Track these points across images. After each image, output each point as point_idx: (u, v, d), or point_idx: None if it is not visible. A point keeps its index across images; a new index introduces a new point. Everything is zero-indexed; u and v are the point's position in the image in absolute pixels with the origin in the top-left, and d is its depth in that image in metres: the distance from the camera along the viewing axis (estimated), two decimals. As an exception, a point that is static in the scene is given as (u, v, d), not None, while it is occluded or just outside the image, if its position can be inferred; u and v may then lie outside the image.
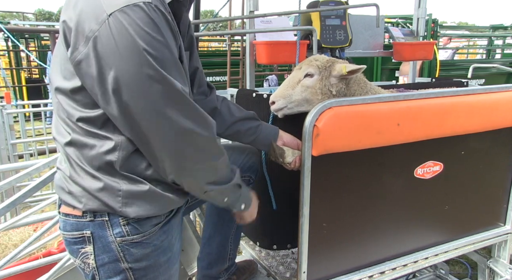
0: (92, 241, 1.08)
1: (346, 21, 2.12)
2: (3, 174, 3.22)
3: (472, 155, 1.61)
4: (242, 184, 1.24)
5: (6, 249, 2.50)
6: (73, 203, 1.07)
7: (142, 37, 0.92)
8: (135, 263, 1.10)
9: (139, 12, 0.93)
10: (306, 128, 1.23)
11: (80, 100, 1.02)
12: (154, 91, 0.95)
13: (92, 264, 1.09)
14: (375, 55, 2.48)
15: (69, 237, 1.11)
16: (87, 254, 1.09)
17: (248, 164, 1.52)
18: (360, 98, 1.36)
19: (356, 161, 1.36)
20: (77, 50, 0.96)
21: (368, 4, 2.18)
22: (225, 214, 1.58)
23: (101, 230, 1.07)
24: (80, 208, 1.06)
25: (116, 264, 1.09)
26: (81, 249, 1.09)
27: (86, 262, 1.10)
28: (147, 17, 0.94)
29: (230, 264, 1.66)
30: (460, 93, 1.52)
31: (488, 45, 9.77)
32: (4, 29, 4.37)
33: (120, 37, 0.92)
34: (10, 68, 8.74)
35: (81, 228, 1.08)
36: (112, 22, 0.92)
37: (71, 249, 1.12)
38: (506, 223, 1.82)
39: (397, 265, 1.57)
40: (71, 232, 1.09)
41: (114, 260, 1.08)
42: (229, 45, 6.31)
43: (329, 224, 1.39)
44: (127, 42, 0.92)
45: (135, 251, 1.09)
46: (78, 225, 1.08)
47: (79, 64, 0.96)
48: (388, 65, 6.39)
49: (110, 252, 1.08)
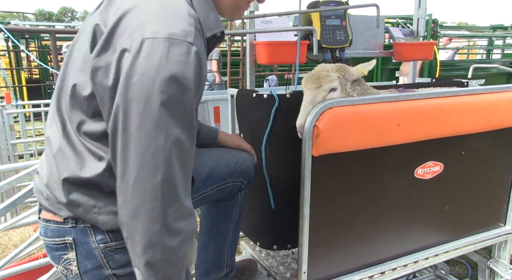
0: (74, 248, 1.04)
1: (346, 21, 2.12)
2: (3, 174, 3.22)
3: (472, 156, 1.61)
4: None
5: (6, 249, 2.50)
6: (53, 209, 1.04)
7: (168, 77, 0.84)
8: (119, 269, 1.07)
9: (177, 50, 0.85)
10: (306, 128, 1.23)
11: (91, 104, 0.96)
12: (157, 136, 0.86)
13: (75, 270, 1.06)
14: (375, 55, 2.48)
15: (50, 243, 1.07)
16: (69, 260, 1.06)
17: (240, 169, 1.50)
18: (360, 98, 1.36)
19: (356, 161, 1.36)
20: (100, 56, 0.91)
21: (368, 4, 2.18)
22: (219, 222, 1.57)
23: (83, 236, 1.04)
24: (61, 214, 1.03)
25: (100, 270, 1.06)
26: (64, 256, 1.06)
27: (69, 269, 1.07)
28: (184, 58, 0.85)
29: (228, 271, 1.64)
30: (460, 93, 1.52)
31: (488, 45, 9.77)
32: (4, 29, 4.37)
33: (146, 65, 0.84)
34: (10, 68, 8.74)
35: (62, 234, 1.04)
36: (146, 46, 0.84)
37: (53, 255, 1.08)
38: (506, 223, 1.82)
39: (398, 265, 1.57)
40: (53, 238, 1.06)
41: (98, 267, 1.06)
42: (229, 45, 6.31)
43: (329, 224, 1.39)
44: (151, 73, 0.83)
45: (119, 257, 1.06)
46: (60, 231, 1.04)
47: (97, 70, 0.91)
48: (388, 65, 6.40)
49: (93, 259, 1.05)
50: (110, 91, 0.89)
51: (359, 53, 2.43)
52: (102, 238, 1.04)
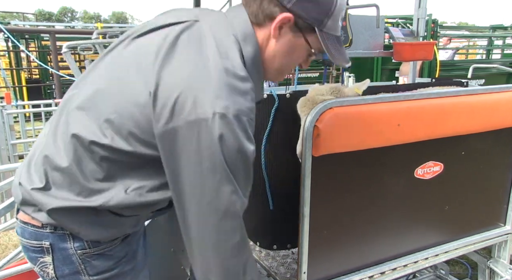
0: (51, 252, 1.02)
1: (346, 21, 2.12)
2: (3, 174, 3.22)
3: (472, 156, 1.61)
4: None
5: (6, 249, 2.50)
6: (31, 213, 1.00)
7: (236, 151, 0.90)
8: (97, 276, 1.05)
9: (242, 126, 0.91)
10: (306, 128, 1.23)
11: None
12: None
13: (52, 274, 1.04)
14: (375, 55, 2.48)
15: (27, 245, 1.04)
16: (46, 263, 1.04)
17: None
18: (360, 98, 1.36)
19: (356, 161, 1.36)
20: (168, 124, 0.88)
21: (368, 4, 2.18)
22: None
23: (61, 242, 1.01)
24: (38, 219, 1.00)
25: (77, 276, 1.04)
26: (40, 258, 1.04)
27: (45, 271, 1.05)
28: (248, 133, 0.93)
29: None
30: (460, 93, 1.52)
31: (488, 45, 9.78)
32: (4, 30, 4.37)
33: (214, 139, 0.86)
34: (10, 68, 8.75)
35: (40, 238, 1.01)
36: (216, 121, 0.86)
37: (29, 256, 1.06)
38: (506, 224, 1.82)
39: (398, 266, 1.57)
40: (29, 240, 1.03)
41: (75, 272, 1.04)
42: (229, 45, 6.28)
43: (329, 224, 1.39)
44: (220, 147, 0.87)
45: (97, 264, 1.04)
46: (37, 235, 1.02)
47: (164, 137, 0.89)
48: (388, 65, 6.40)
49: (70, 264, 1.03)
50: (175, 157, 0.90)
51: (359, 53, 2.43)
52: (80, 245, 1.02)
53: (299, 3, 0.96)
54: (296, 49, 1.04)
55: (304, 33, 1.00)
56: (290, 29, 0.99)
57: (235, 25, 0.99)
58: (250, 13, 1.00)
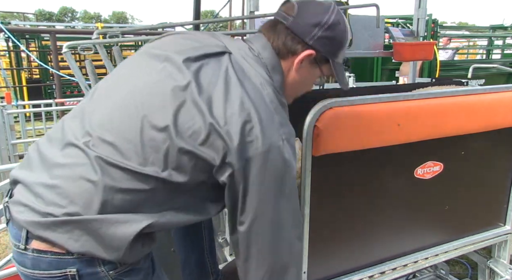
0: (77, 279, 0.93)
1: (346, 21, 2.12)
2: (3, 174, 3.22)
3: (472, 155, 1.61)
4: None
5: (6, 249, 2.50)
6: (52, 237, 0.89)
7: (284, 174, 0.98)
8: None
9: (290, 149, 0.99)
10: (306, 128, 1.23)
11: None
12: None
13: None
14: (375, 55, 2.48)
15: (41, 276, 0.93)
16: None
17: None
18: (360, 98, 1.36)
19: (356, 161, 1.36)
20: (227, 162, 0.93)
21: (368, 4, 2.18)
22: (192, 234, 1.57)
23: (89, 267, 0.93)
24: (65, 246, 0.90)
25: None
26: None
27: None
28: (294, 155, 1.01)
29: (214, 278, 1.64)
30: (460, 93, 1.52)
31: (488, 45, 9.77)
32: (5, 30, 4.38)
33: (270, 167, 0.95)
34: (10, 68, 8.74)
35: (63, 266, 0.92)
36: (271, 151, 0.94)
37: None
38: (506, 223, 1.82)
39: (398, 265, 1.57)
40: (48, 271, 0.92)
41: None
42: (229, 45, 6.27)
43: (329, 224, 1.39)
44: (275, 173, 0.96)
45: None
46: (60, 263, 0.91)
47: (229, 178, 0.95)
48: (388, 65, 6.38)
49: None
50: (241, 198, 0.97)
51: (359, 53, 2.43)
52: (111, 266, 0.96)
53: (319, 40, 1.07)
54: (311, 78, 1.18)
55: (319, 64, 1.13)
56: (309, 61, 1.11)
57: (263, 57, 1.09)
58: (274, 47, 1.10)
